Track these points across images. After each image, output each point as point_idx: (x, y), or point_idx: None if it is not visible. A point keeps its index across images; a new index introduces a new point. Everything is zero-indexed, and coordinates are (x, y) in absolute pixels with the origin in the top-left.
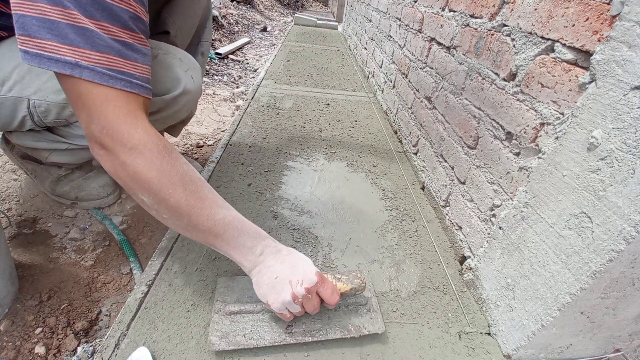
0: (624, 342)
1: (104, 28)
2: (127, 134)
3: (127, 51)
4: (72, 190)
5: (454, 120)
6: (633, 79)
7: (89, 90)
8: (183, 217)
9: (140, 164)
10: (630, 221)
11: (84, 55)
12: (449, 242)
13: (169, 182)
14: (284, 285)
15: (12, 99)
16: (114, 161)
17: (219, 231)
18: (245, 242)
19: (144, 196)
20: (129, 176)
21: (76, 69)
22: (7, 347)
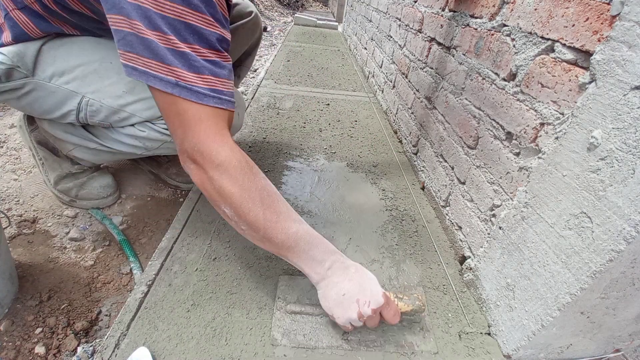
0: (624, 342)
1: (196, 50)
2: (215, 152)
3: (217, 69)
4: (74, 187)
5: (454, 120)
6: (633, 79)
7: (185, 109)
8: (259, 231)
9: (225, 180)
10: (630, 221)
11: (182, 75)
12: (449, 242)
13: (249, 198)
14: (351, 303)
15: (66, 92)
16: (202, 175)
17: (290, 244)
18: (315, 255)
19: (226, 209)
20: (215, 190)
21: (176, 88)
22: (7, 347)
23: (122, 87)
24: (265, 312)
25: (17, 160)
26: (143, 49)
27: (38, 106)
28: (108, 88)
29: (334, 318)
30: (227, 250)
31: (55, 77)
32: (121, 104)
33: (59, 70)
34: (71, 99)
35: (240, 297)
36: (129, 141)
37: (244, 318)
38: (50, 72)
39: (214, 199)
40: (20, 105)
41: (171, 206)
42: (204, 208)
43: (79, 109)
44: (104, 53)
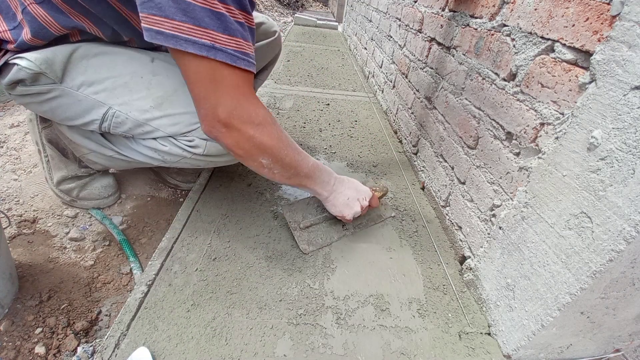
0: (624, 342)
1: (231, 11)
2: (254, 114)
3: (245, 32)
4: (76, 187)
5: (454, 120)
6: (633, 79)
7: (221, 72)
8: (291, 169)
9: (265, 136)
10: (630, 221)
11: (217, 38)
12: (449, 242)
13: (283, 146)
14: (354, 201)
15: (93, 101)
16: (239, 136)
17: (311, 174)
18: (324, 178)
19: (263, 159)
20: (255, 146)
21: (212, 50)
22: (7, 347)
23: (150, 102)
24: (265, 312)
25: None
26: (175, 11)
27: (61, 112)
28: (136, 102)
29: (343, 217)
30: (227, 250)
31: (84, 86)
32: (147, 118)
33: (89, 80)
34: (97, 109)
35: (240, 297)
36: (148, 153)
37: (244, 318)
38: (80, 81)
39: (252, 154)
40: (42, 110)
41: (171, 206)
42: (204, 208)
43: (104, 118)
44: (135, 68)
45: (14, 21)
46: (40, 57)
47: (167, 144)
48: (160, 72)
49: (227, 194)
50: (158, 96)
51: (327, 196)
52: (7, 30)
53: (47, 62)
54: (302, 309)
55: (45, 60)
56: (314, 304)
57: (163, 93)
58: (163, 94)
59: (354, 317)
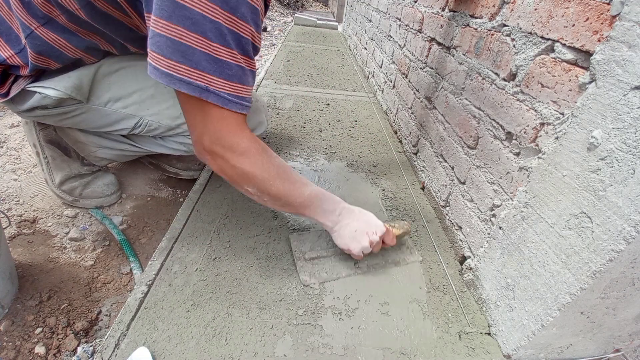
0: (624, 342)
1: (232, 56)
2: (236, 144)
3: (245, 77)
4: (79, 186)
5: (454, 120)
6: (633, 79)
7: (209, 110)
8: (281, 199)
9: (247, 166)
10: (630, 221)
11: (212, 81)
12: (449, 242)
13: (269, 176)
14: (363, 235)
15: (122, 114)
16: (223, 165)
17: (307, 204)
18: (327, 207)
19: (249, 187)
20: (238, 175)
21: (204, 93)
22: (7, 347)
23: (178, 109)
24: (265, 312)
25: (17, 160)
26: (172, 51)
27: (85, 124)
28: (166, 111)
29: (350, 251)
30: (227, 250)
31: (111, 102)
32: (178, 123)
33: (116, 96)
34: (127, 120)
35: (240, 297)
36: (174, 146)
37: (244, 318)
38: (107, 98)
39: (236, 182)
40: (62, 124)
41: (171, 206)
42: (204, 208)
43: (136, 126)
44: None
45: (19, 44)
46: (70, 85)
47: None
48: None
49: (227, 194)
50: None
51: (331, 227)
52: (14, 55)
53: (76, 88)
54: (302, 309)
55: (74, 87)
56: (314, 304)
57: None
58: None
59: (354, 317)
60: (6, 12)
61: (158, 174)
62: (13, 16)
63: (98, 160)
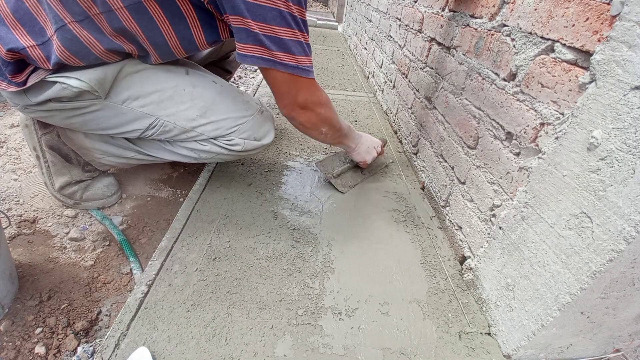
0: (624, 342)
1: (304, 37)
2: (320, 97)
3: (309, 51)
4: (79, 190)
5: (454, 120)
6: (633, 79)
7: (299, 80)
8: (338, 131)
9: (328, 112)
10: (630, 221)
11: (298, 60)
12: (449, 242)
13: (337, 116)
14: (372, 149)
15: (138, 113)
16: (311, 114)
17: (347, 132)
18: (353, 134)
19: (324, 128)
20: (321, 119)
21: (296, 69)
22: (7, 347)
23: (195, 111)
24: (265, 312)
25: (17, 160)
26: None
27: (95, 124)
28: (183, 112)
29: (364, 161)
30: (227, 250)
31: (129, 100)
32: (193, 125)
33: (134, 95)
34: (143, 120)
35: (240, 297)
36: (185, 152)
37: (244, 318)
38: (125, 96)
39: (317, 125)
40: (68, 122)
41: (171, 206)
42: (204, 208)
43: (150, 127)
44: (177, 81)
45: (43, 36)
46: (95, 78)
47: (208, 144)
48: (198, 83)
49: (227, 194)
50: (202, 106)
51: (354, 147)
52: (35, 45)
53: (100, 82)
54: (302, 309)
55: (98, 80)
56: (314, 304)
57: (205, 103)
58: (205, 104)
59: (354, 317)
60: (33, 3)
61: (158, 174)
62: (41, 8)
63: (102, 166)
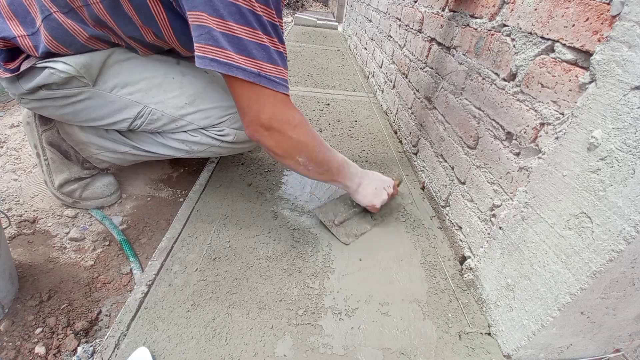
0: (624, 342)
1: (273, 43)
2: (291, 117)
3: (283, 61)
4: (78, 188)
5: (454, 120)
6: (633, 79)
7: (262, 92)
8: (324, 165)
9: (302, 136)
10: (630, 221)
11: (263, 67)
12: (449, 242)
13: (317, 144)
14: (382, 191)
15: (126, 101)
16: (280, 138)
17: (340, 168)
18: (352, 171)
19: (300, 157)
20: (294, 145)
21: (257, 77)
22: (7, 347)
23: (184, 99)
24: (265, 312)
25: (17, 160)
26: (227, 43)
27: (85, 114)
28: (171, 100)
29: (373, 205)
30: (227, 250)
31: (117, 88)
32: (182, 114)
33: (122, 82)
34: (131, 108)
35: (240, 297)
36: (176, 145)
37: (244, 318)
38: (113, 84)
39: (290, 152)
40: (60, 113)
41: (171, 206)
42: (204, 208)
43: (137, 116)
44: (166, 69)
45: (33, 27)
46: (80, 62)
47: (198, 134)
48: (188, 72)
49: (227, 194)
50: (191, 94)
51: (355, 188)
52: (25, 35)
53: (86, 66)
54: (302, 309)
55: (84, 64)
56: (314, 304)
57: (194, 91)
58: (194, 92)
59: (354, 317)
60: None
61: (158, 174)
62: (33, 1)
63: (99, 163)
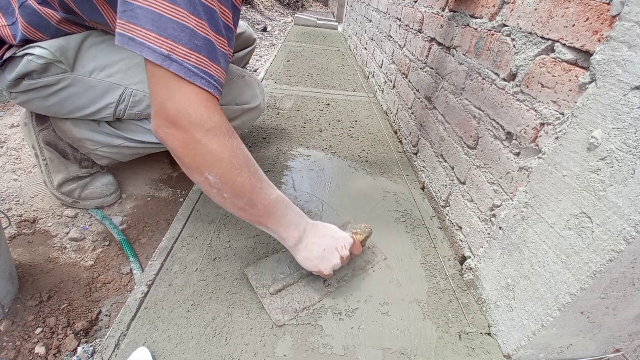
0: (624, 342)
1: (201, 27)
2: (205, 117)
3: (214, 53)
4: (78, 188)
5: (454, 120)
6: (633, 79)
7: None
8: (244, 196)
9: (215, 144)
10: (630, 221)
11: (175, 50)
12: (449, 242)
13: (237, 163)
14: (333, 253)
15: (107, 85)
16: (187, 139)
17: (272, 209)
18: (292, 219)
19: (210, 175)
20: (201, 154)
21: (167, 61)
22: (7, 347)
23: None
24: (265, 312)
25: (17, 160)
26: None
27: (70, 102)
28: None
29: (320, 272)
30: (227, 250)
31: (96, 71)
32: None
33: (101, 65)
34: (112, 92)
35: (240, 297)
36: None
37: (244, 318)
38: (92, 67)
39: (197, 164)
40: (47, 105)
41: (171, 206)
42: (204, 208)
43: (120, 100)
44: None
45: (12, 17)
46: (55, 45)
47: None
48: None
49: None
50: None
51: (295, 244)
52: (6, 25)
53: (61, 49)
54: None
55: (59, 47)
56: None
57: None
58: None
59: (354, 317)
60: None
61: (158, 174)
62: None
63: (99, 159)
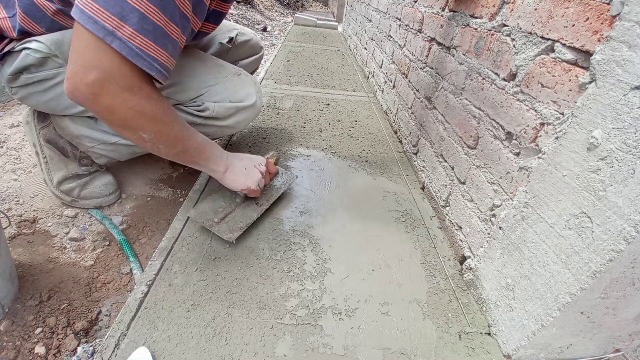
0: (624, 342)
1: (153, 13)
2: (137, 86)
3: (163, 40)
4: (77, 187)
5: (454, 120)
6: (633, 79)
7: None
8: (178, 144)
9: (148, 107)
10: (630, 221)
11: (123, 29)
12: (449, 242)
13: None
14: (252, 169)
15: None
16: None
17: (201, 149)
18: (216, 153)
19: (144, 132)
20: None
21: (109, 36)
22: (7, 347)
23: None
24: (265, 312)
25: (17, 160)
26: None
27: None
28: None
29: (248, 188)
30: (227, 250)
31: None
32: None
33: None
34: None
35: (240, 297)
36: None
37: (244, 318)
38: None
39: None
40: (45, 99)
41: (171, 206)
42: None
43: None
44: None
45: (13, 9)
46: (52, 39)
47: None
48: None
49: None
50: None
51: (223, 171)
52: (6, 17)
53: (57, 43)
54: (302, 309)
55: (55, 42)
56: (314, 304)
57: None
58: None
59: (354, 317)
60: None
61: (158, 173)
62: None
63: (97, 157)
